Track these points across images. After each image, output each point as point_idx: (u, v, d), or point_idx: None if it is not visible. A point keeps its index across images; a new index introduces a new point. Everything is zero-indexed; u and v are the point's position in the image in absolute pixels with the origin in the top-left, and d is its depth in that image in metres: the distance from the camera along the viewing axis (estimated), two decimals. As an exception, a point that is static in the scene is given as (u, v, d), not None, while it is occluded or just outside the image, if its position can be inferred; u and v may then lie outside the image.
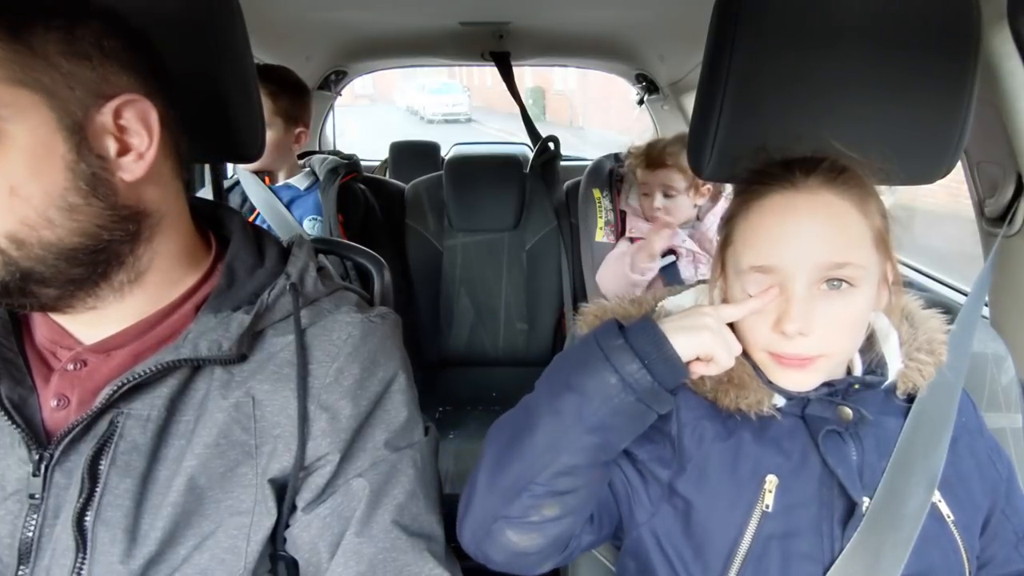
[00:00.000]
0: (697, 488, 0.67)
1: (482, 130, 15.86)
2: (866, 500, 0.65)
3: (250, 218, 1.47)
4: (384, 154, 3.13)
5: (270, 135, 1.36)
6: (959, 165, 0.82)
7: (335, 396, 0.63)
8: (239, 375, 0.62)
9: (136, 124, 0.58)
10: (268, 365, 0.63)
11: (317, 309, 0.68)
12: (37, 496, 0.57)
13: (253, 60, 0.82)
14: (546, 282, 2.04)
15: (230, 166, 1.69)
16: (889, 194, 0.68)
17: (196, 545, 0.58)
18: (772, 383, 0.67)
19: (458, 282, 2.08)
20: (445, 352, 2.11)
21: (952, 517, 0.67)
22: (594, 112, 16.30)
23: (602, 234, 1.65)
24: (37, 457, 0.58)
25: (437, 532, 0.66)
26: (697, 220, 1.60)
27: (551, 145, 2.12)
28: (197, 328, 0.62)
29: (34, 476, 0.58)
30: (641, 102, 2.68)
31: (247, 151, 0.81)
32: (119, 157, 0.58)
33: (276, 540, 0.62)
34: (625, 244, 1.59)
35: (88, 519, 0.56)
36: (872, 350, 0.71)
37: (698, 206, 1.57)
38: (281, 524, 0.62)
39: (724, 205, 1.57)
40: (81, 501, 0.56)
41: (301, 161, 1.67)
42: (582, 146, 9.49)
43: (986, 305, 1.00)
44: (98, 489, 0.57)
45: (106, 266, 0.59)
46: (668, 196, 1.53)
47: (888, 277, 0.67)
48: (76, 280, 0.58)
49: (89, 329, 0.63)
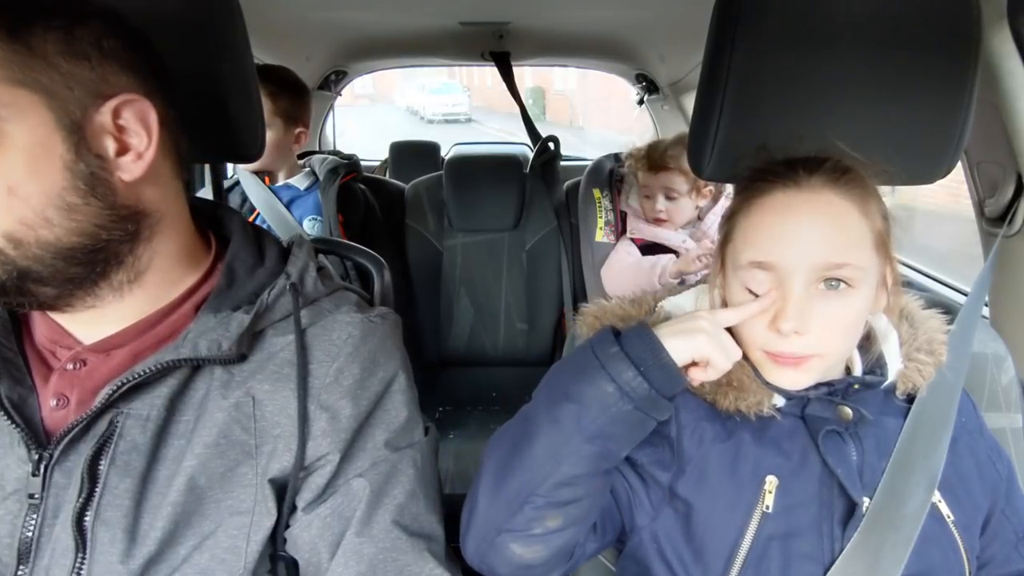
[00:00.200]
0: (697, 490, 0.67)
1: (482, 130, 15.85)
2: (866, 500, 0.65)
3: (250, 218, 1.46)
4: (384, 154, 3.13)
5: (270, 135, 1.36)
6: (959, 165, 0.82)
7: (335, 396, 0.63)
8: (239, 375, 0.62)
9: (135, 124, 0.58)
10: (268, 365, 0.63)
11: (317, 309, 0.68)
12: (36, 496, 0.57)
13: (253, 60, 0.82)
14: (546, 282, 2.05)
15: (230, 166, 1.69)
16: (889, 194, 0.68)
17: (196, 545, 0.58)
18: (768, 383, 0.67)
19: (458, 282, 2.08)
20: (445, 352, 2.11)
21: (952, 517, 0.67)
22: (594, 112, 16.30)
23: (602, 234, 1.65)
24: (36, 457, 0.58)
25: (437, 532, 0.66)
26: (698, 220, 1.60)
27: (551, 145, 2.11)
28: (197, 328, 0.62)
29: (33, 476, 0.58)
30: (641, 102, 2.69)
31: (247, 151, 0.81)
32: (118, 157, 0.58)
33: (276, 540, 0.62)
34: (627, 245, 1.59)
35: (88, 519, 0.56)
36: (872, 350, 0.71)
37: (699, 207, 1.57)
38: (281, 524, 0.62)
39: (724, 205, 1.57)
40: (81, 501, 0.56)
41: (301, 161, 1.67)
42: (582, 146, 9.51)
43: (986, 305, 1.00)
44: (98, 489, 0.57)
45: (105, 266, 0.59)
46: (670, 199, 1.54)
47: (887, 279, 0.67)
48: (74, 279, 0.58)
49: (88, 328, 0.63)
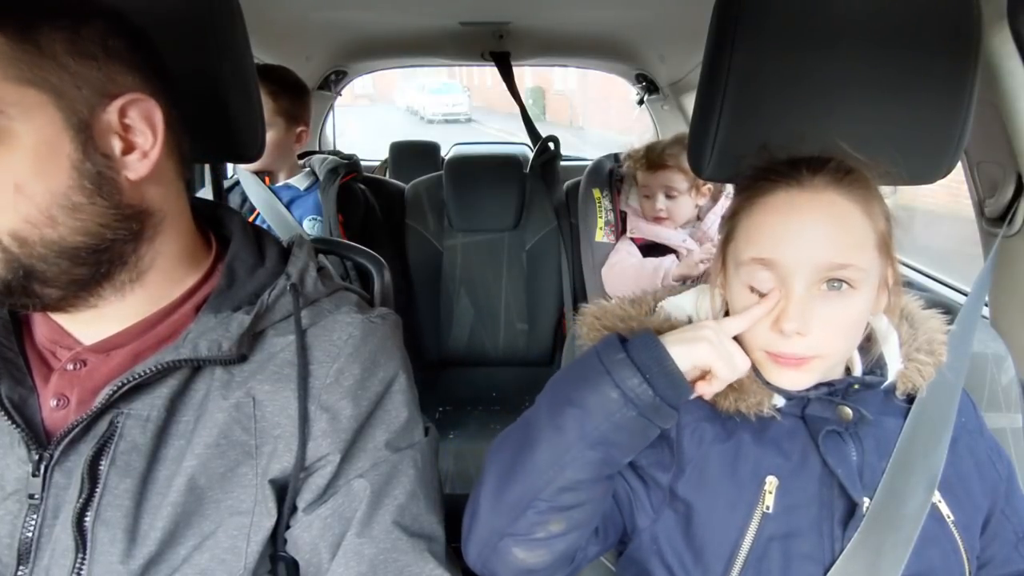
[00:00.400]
0: (697, 490, 0.67)
1: (482, 130, 15.84)
2: (866, 500, 0.65)
3: (250, 218, 1.46)
4: (384, 154, 3.13)
5: (270, 135, 1.36)
6: (959, 165, 0.82)
7: (335, 396, 0.63)
8: (239, 375, 0.62)
9: (141, 123, 0.58)
10: (268, 365, 0.63)
11: (317, 309, 0.68)
12: (36, 496, 0.57)
13: (253, 60, 0.82)
14: (546, 282, 2.04)
15: (230, 166, 1.69)
16: (891, 195, 0.68)
17: (196, 545, 0.58)
18: (769, 383, 0.66)
19: (458, 282, 2.08)
20: (445, 352, 2.11)
21: (952, 517, 0.67)
22: (594, 112, 16.30)
23: (602, 234, 1.65)
24: (37, 457, 0.58)
25: (438, 532, 0.66)
26: (698, 220, 1.60)
27: (551, 145, 2.12)
28: (197, 328, 0.62)
29: (33, 476, 0.57)
30: (641, 102, 2.69)
31: (247, 151, 0.81)
32: (124, 156, 0.58)
33: (276, 540, 0.62)
34: (628, 245, 1.59)
35: (88, 519, 0.56)
36: (872, 350, 0.71)
37: (699, 206, 1.58)
38: (281, 524, 0.62)
39: (724, 205, 1.57)
40: (81, 501, 0.56)
41: (301, 161, 1.67)
42: (582, 146, 9.51)
43: (986, 305, 1.00)
44: (98, 489, 0.57)
45: (109, 265, 0.59)
46: (670, 197, 1.54)
47: (888, 280, 0.67)
48: (79, 281, 0.58)
49: (89, 329, 0.63)
